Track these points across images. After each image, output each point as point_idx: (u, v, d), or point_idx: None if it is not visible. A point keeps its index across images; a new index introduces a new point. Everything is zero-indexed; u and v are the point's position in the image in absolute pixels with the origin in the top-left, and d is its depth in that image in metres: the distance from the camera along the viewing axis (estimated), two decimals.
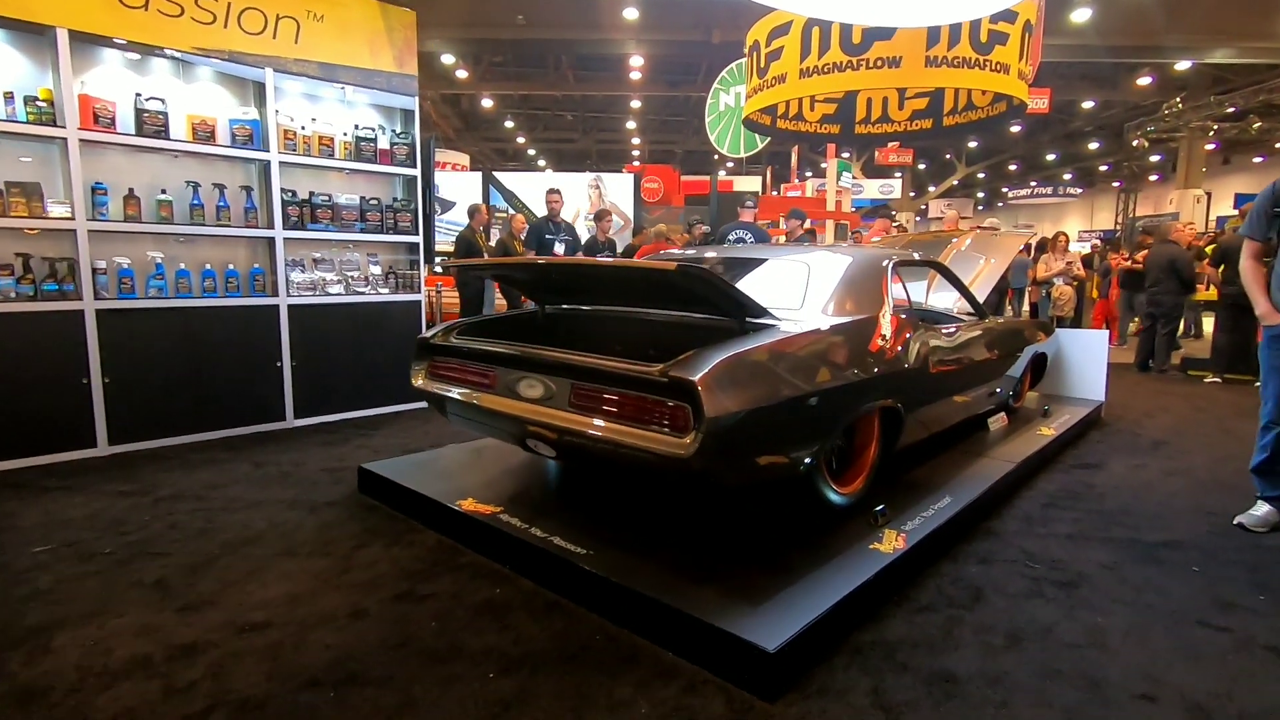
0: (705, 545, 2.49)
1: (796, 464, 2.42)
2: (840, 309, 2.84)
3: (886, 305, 3.02)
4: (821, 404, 2.42)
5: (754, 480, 2.39)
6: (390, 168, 5.12)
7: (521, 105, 27.16)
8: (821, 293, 2.87)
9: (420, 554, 2.70)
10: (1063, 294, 7.77)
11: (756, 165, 30.89)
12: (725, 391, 2.09)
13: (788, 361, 2.36)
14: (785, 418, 2.29)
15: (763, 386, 2.21)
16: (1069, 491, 3.52)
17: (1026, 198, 29.59)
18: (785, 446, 2.35)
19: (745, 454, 2.23)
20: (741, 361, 2.20)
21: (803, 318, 2.72)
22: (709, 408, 2.02)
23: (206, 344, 4.37)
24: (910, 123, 12.52)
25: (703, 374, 2.07)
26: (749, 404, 2.13)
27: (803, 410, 2.35)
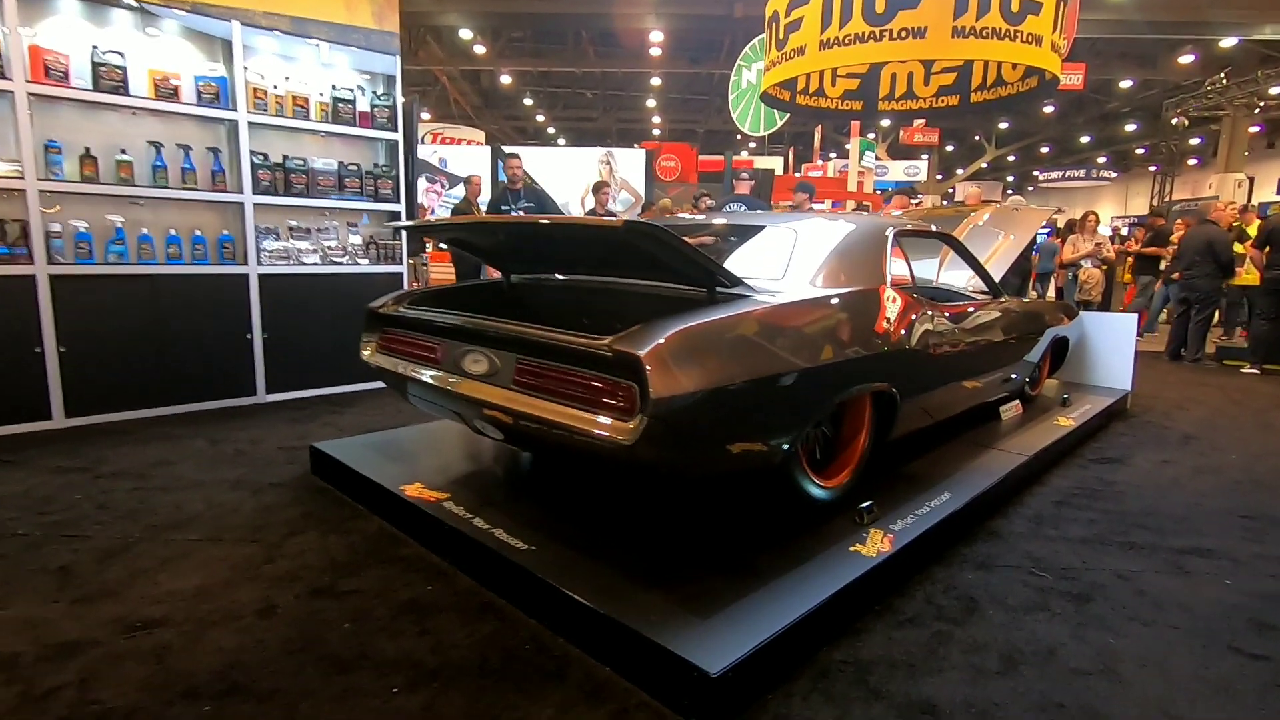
0: (666, 542, 2.21)
1: (770, 453, 2.12)
2: (830, 280, 2.53)
3: (884, 279, 2.71)
4: (800, 385, 2.12)
5: (718, 471, 2.11)
6: (371, 131, 4.85)
7: (541, 82, 26.80)
8: (808, 262, 2.56)
9: (357, 543, 2.46)
10: (1090, 277, 7.32)
11: (779, 145, 30.29)
12: (680, 368, 1.80)
13: (760, 336, 2.06)
14: (756, 400, 2.00)
15: (728, 363, 1.92)
16: (1086, 489, 3.18)
17: (1058, 180, 28.59)
18: (756, 433, 2.06)
19: (705, 441, 1.94)
20: (702, 334, 1.91)
21: (785, 288, 2.41)
22: (657, 386, 1.74)
23: (171, 313, 4.16)
24: (936, 99, 11.98)
25: (651, 347, 1.78)
26: (710, 383, 1.84)
27: (777, 392, 2.05)
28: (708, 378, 1.85)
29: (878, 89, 12.25)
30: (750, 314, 2.06)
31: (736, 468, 2.09)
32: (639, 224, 1.78)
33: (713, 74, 23.24)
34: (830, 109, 13.10)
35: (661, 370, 1.76)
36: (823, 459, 2.57)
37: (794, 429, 2.16)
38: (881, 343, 2.50)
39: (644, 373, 1.74)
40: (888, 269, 2.74)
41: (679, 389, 1.77)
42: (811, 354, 2.18)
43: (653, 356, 1.76)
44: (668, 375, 1.77)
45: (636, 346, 1.78)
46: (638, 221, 1.78)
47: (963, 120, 27.50)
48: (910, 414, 2.79)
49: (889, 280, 2.71)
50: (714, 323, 1.94)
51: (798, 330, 2.19)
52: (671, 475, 1.94)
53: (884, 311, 2.59)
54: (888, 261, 2.76)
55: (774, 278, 2.47)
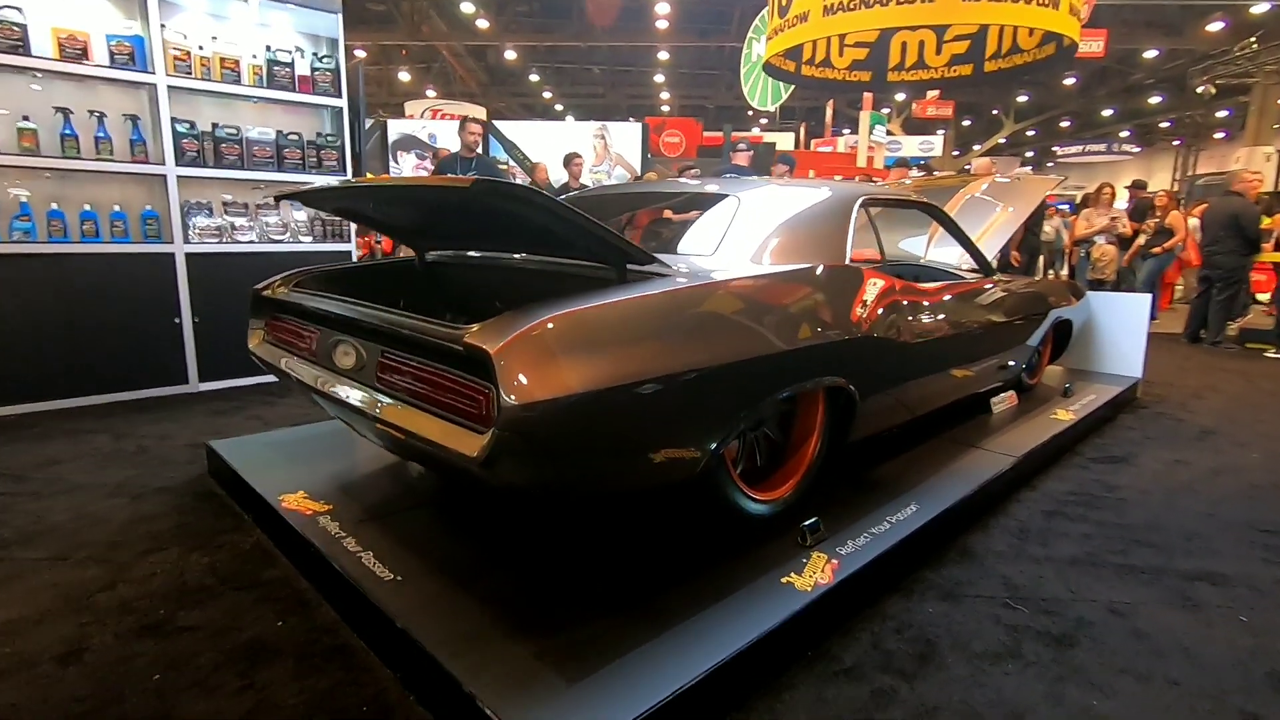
0: (564, 571, 1.85)
1: (685, 465, 1.75)
2: (775, 256, 2.13)
3: (844, 255, 2.30)
4: (723, 384, 1.74)
5: (613, 489, 1.74)
6: (311, 97, 4.47)
7: (547, 58, 26.23)
8: (748, 235, 2.16)
9: (220, 563, 2.12)
10: (1104, 254, 6.82)
11: (791, 121, 29.56)
12: (549, 367, 1.42)
13: (667, 325, 1.67)
14: (662, 403, 1.62)
15: (621, 359, 1.53)
16: (1083, 495, 2.78)
17: (1077, 155, 27.67)
18: (664, 442, 1.68)
19: (589, 455, 1.56)
20: (583, 323, 1.52)
21: (715, 266, 2.02)
22: (513, 390, 1.36)
23: (89, 296, 3.83)
24: (949, 68, 11.42)
25: (506, 341, 1.40)
26: (594, 383, 1.46)
27: (691, 393, 1.67)
28: (591, 377, 1.47)
29: (887, 58, 11.69)
30: (653, 298, 1.67)
31: (639, 484, 1.72)
32: (491, 183, 1.40)
33: (723, 47, 22.61)
34: (838, 80, 12.53)
35: (519, 369, 1.39)
36: (764, 467, 2.19)
37: (715, 436, 1.78)
38: (836, 330, 2.10)
39: (495, 373, 1.37)
40: (849, 244, 2.33)
41: (545, 392, 1.39)
42: (739, 345, 1.79)
43: (508, 352, 1.39)
44: (529, 375, 1.39)
45: (489, 340, 1.41)
46: (490, 180, 1.40)
47: (979, 93, 26.60)
48: (874, 412, 2.41)
49: (849, 256, 2.31)
50: (600, 309, 1.56)
51: (721, 317, 1.80)
52: (546, 497, 1.58)
53: (840, 293, 2.19)
54: (850, 235, 2.35)
55: (704, 253, 2.08)
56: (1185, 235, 7.27)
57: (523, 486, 1.51)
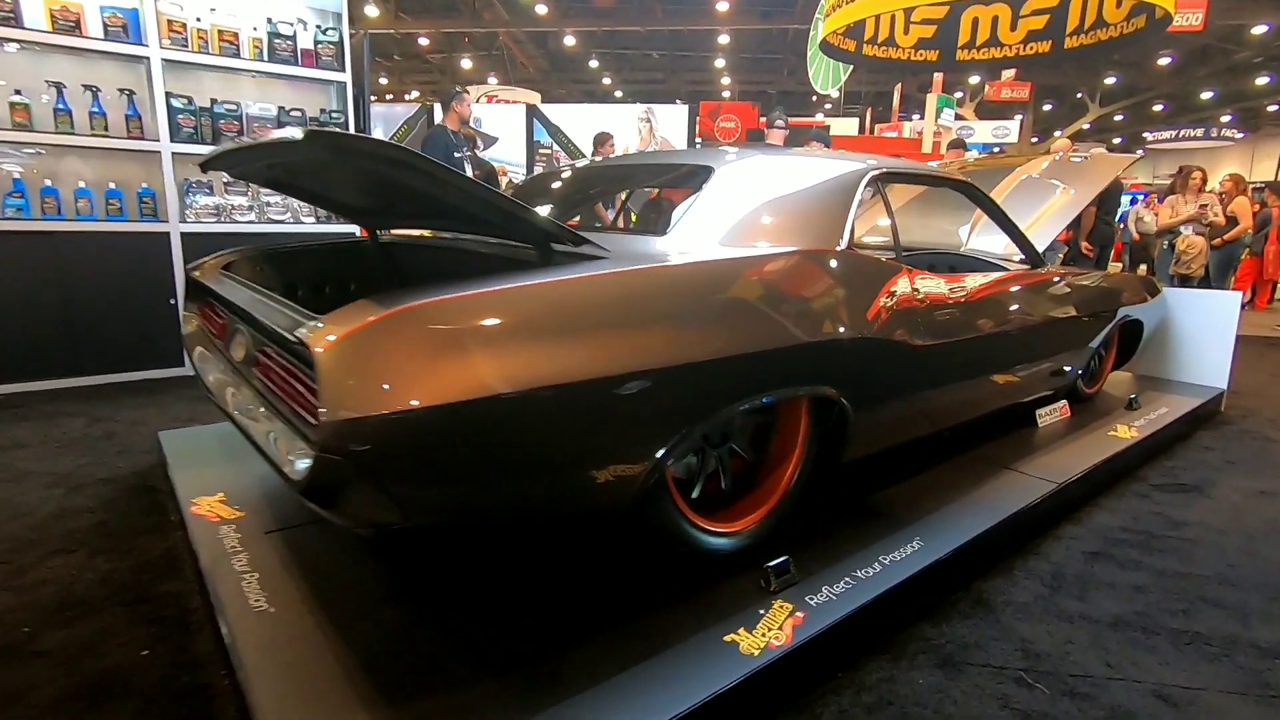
0: (455, 612, 1.55)
1: (607, 493, 1.42)
2: (748, 237, 1.77)
3: (840, 238, 1.91)
4: (656, 392, 1.40)
5: (504, 522, 1.41)
6: (314, 71, 4.29)
7: (607, 43, 26.02)
8: (716, 211, 1.79)
9: (119, 572, 1.92)
10: (1191, 246, 6.06)
11: (855, 106, 28.52)
12: (392, 370, 1.12)
13: (576, 318, 1.33)
14: (567, 417, 1.30)
15: (504, 361, 1.21)
16: (1139, 533, 2.31)
17: (1171, 141, 25.58)
18: (568, 465, 1.36)
19: (457, 484, 1.24)
20: (444, 316, 1.20)
21: (666, 247, 1.67)
22: (333, 400, 1.07)
23: (83, 275, 3.75)
24: (1025, 46, 10.62)
25: (337, 336, 1.11)
26: (459, 391, 1.15)
27: (609, 403, 1.34)
28: (458, 384, 1.15)
29: (956, 36, 10.96)
30: (555, 286, 1.33)
31: (540, 517, 1.40)
32: (325, 134, 1.09)
33: (786, 30, 21.92)
34: (902, 60, 11.83)
35: (350, 374, 1.09)
36: (730, 491, 1.84)
37: (646, 457, 1.44)
38: (823, 329, 1.73)
39: (317, 377, 1.07)
40: (848, 225, 1.94)
41: (384, 404, 1.09)
42: (679, 345, 1.44)
43: (337, 352, 1.09)
44: (364, 382, 1.09)
45: (319, 336, 1.11)
46: (325, 131, 1.10)
47: (1061, 73, 24.89)
48: (877, 427, 2.02)
49: (846, 240, 1.92)
50: (474, 299, 1.23)
51: (655, 310, 1.45)
52: (405, 529, 1.28)
53: (831, 284, 1.81)
54: (850, 215, 1.96)
55: (656, 233, 1.72)
56: (1250, 224, 6.47)
57: (367, 524, 1.22)
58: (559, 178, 2.58)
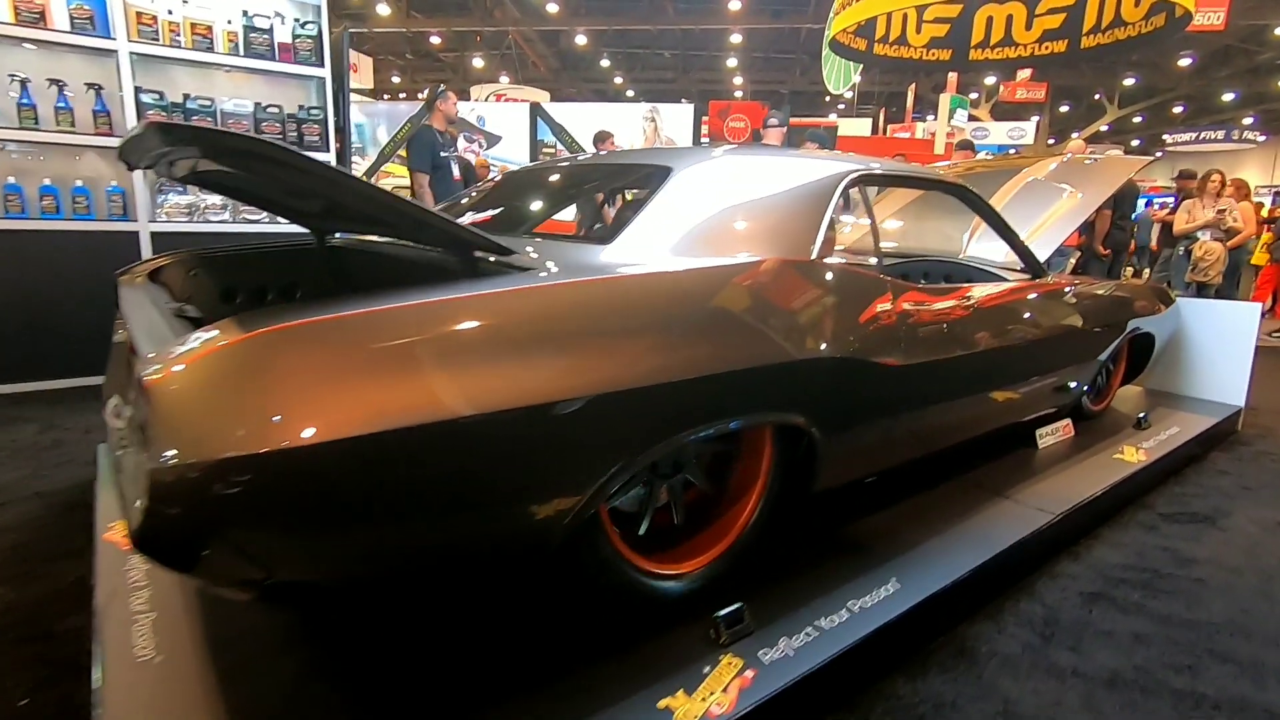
0: (363, 663, 1.39)
1: (523, 538, 1.25)
2: (705, 246, 1.59)
3: (810, 246, 1.74)
4: (588, 422, 1.23)
5: (395, 573, 1.24)
6: (291, 66, 4.15)
7: (618, 42, 25.94)
8: (669, 218, 1.62)
9: (26, 602, 1.78)
10: (1209, 253, 5.80)
11: (868, 106, 28.25)
12: (247, 405, 0.95)
13: (483, 340, 1.16)
14: (471, 454, 1.13)
15: (387, 392, 1.04)
16: (1143, 570, 2.12)
17: (1191, 143, 25.05)
18: (469, 511, 1.19)
19: (331, 528, 1.07)
20: (306, 339, 1.04)
21: (608, 257, 1.50)
22: (162, 439, 0.90)
23: (48, 276, 3.64)
24: (1040, 45, 10.44)
25: (172, 366, 0.95)
26: (329, 429, 0.98)
27: (522, 436, 1.17)
28: (334, 419, 0.99)
29: (970, 35, 10.80)
30: (452, 305, 1.16)
31: (439, 565, 1.23)
32: (161, 125, 0.93)
33: (799, 29, 21.72)
34: (914, 59, 11.65)
35: (190, 410, 0.93)
36: (683, 527, 1.66)
37: (576, 494, 1.27)
38: (785, 348, 1.55)
39: (149, 413, 0.92)
40: (819, 233, 1.76)
41: (237, 444, 0.92)
42: (618, 369, 1.27)
43: (171, 385, 0.93)
44: (209, 418, 0.93)
45: (153, 365, 0.95)
46: (163, 122, 0.94)
47: (1079, 74, 24.49)
48: (849, 456, 1.84)
49: (817, 249, 1.74)
50: (351, 320, 1.07)
51: (588, 328, 1.28)
52: (272, 595, 1.11)
53: (795, 298, 1.63)
54: (823, 222, 1.78)
55: (600, 241, 1.55)
56: (1255, 230, 6.23)
57: (225, 581, 1.05)
58: (516, 181, 2.41)
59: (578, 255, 1.52)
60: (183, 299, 2.11)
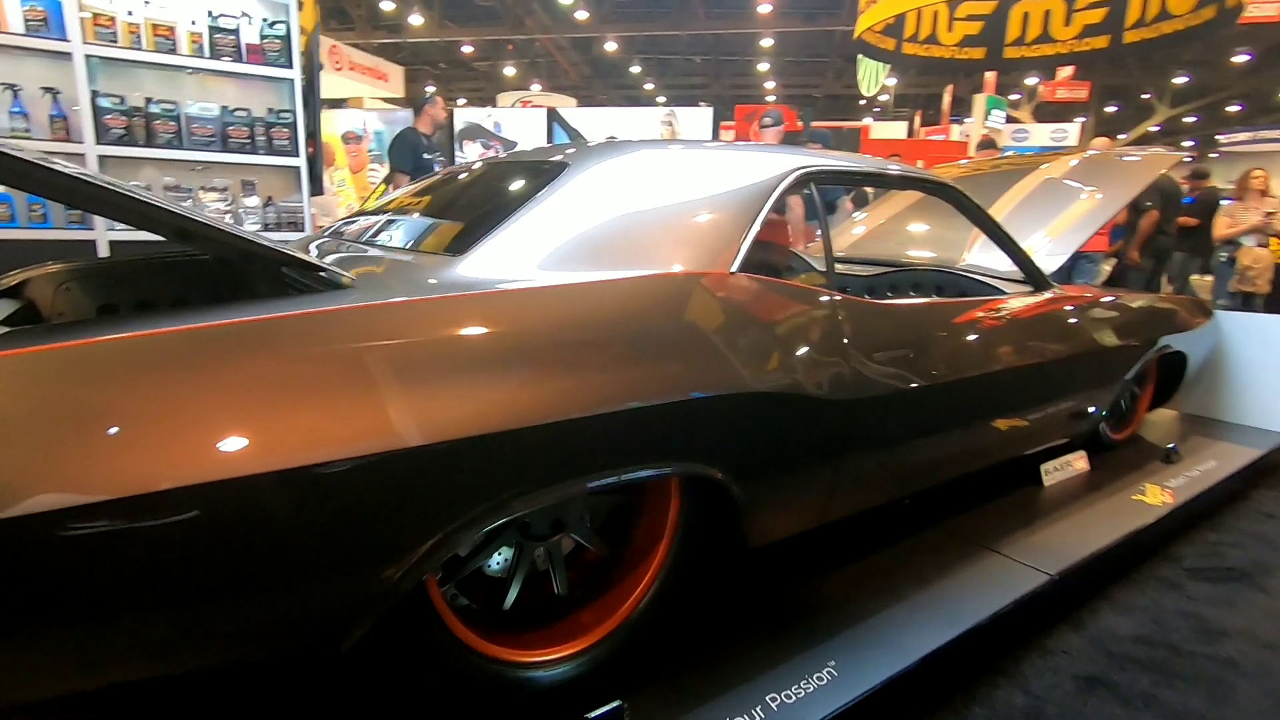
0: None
1: (323, 629, 0.99)
2: (591, 258, 1.31)
3: (731, 256, 1.44)
4: (398, 480, 0.96)
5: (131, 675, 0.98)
6: (256, 68, 3.98)
7: (648, 49, 25.89)
8: (548, 224, 1.33)
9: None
10: (1257, 260, 5.28)
11: (903, 109, 27.69)
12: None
13: (255, 379, 0.91)
14: (234, 525, 0.87)
15: (123, 451, 0.79)
16: (1159, 646, 1.75)
17: (1246, 144, 23.82)
18: (234, 600, 0.92)
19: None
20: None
21: (470, 272, 1.22)
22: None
23: None
24: (1080, 41, 9.95)
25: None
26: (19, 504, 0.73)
27: (306, 501, 0.91)
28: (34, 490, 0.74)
29: (1004, 32, 10.36)
30: (232, 330, 0.91)
31: (188, 669, 0.97)
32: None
33: (832, 32, 21.34)
34: (945, 58, 11.26)
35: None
36: (570, 598, 1.37)
37: (382, 573, 1.00)
38: (689, 382, 1.26)
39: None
40: (745, 242, 1.46)
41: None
42: (440, 412, 1.00)
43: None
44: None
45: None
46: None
47: (1126, 74, 23.50)
48: (785, 508, 1.53)
49: (741, 261, 1.44)
50: (92, 348, 0.82)
51: (397, 361, 1.01)
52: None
53: (707, 321, 1.34)
54: (750, 229, 1.48)
55: (453, 254, 1.27)
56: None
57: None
58: (424, 186, 2.16)
59: (421, 271, 1.25)
60: (52, 314, 1.90)
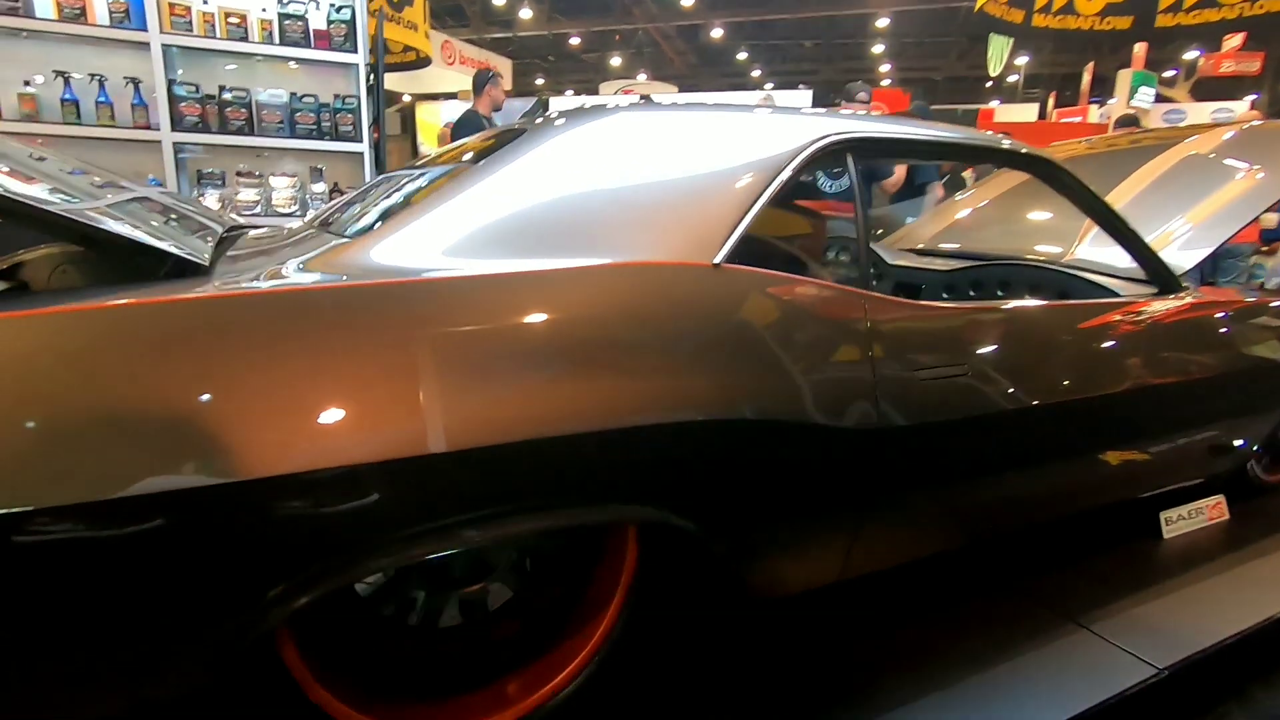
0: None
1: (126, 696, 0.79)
2: (540, 244, 1.05)
3: (720, 246, 1.13)
4: (218, 516, 0.75)
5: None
6: (323, 53, 3.98)
7: (757, 34, 25.28)
8: (476, 204, 1.08)
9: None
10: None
11: (1034, 90, 25.66)
12: None
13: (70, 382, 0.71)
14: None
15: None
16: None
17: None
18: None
19: None
20: None
21: (377, 259, 0.99)
22: None
23: None
24: (1252, 3, 8.79)
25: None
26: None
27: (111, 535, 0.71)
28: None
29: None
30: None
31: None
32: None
33: (955, 9, 19.98)
34: (1084, 30, 10.24)
35: None
36: (501, 658, 1.12)
37: (208, 631, 0.79)
38: (641, 405, 0.98)
39: None
40: (739, 228, 1.15)
41: None
42: (291, 437, 0.78)
43: None
44: None
45: None
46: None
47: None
48: (785, 559, 1.21)
49: (729, 251, 1.12)
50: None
51: (239, 367, 0.79)
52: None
53: (675, 322, 1.04)
54: (751, 212, 1.16)
55: (354, 237, 1.04)
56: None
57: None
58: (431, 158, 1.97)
59: (313, 256, 1.03)
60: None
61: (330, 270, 0.95)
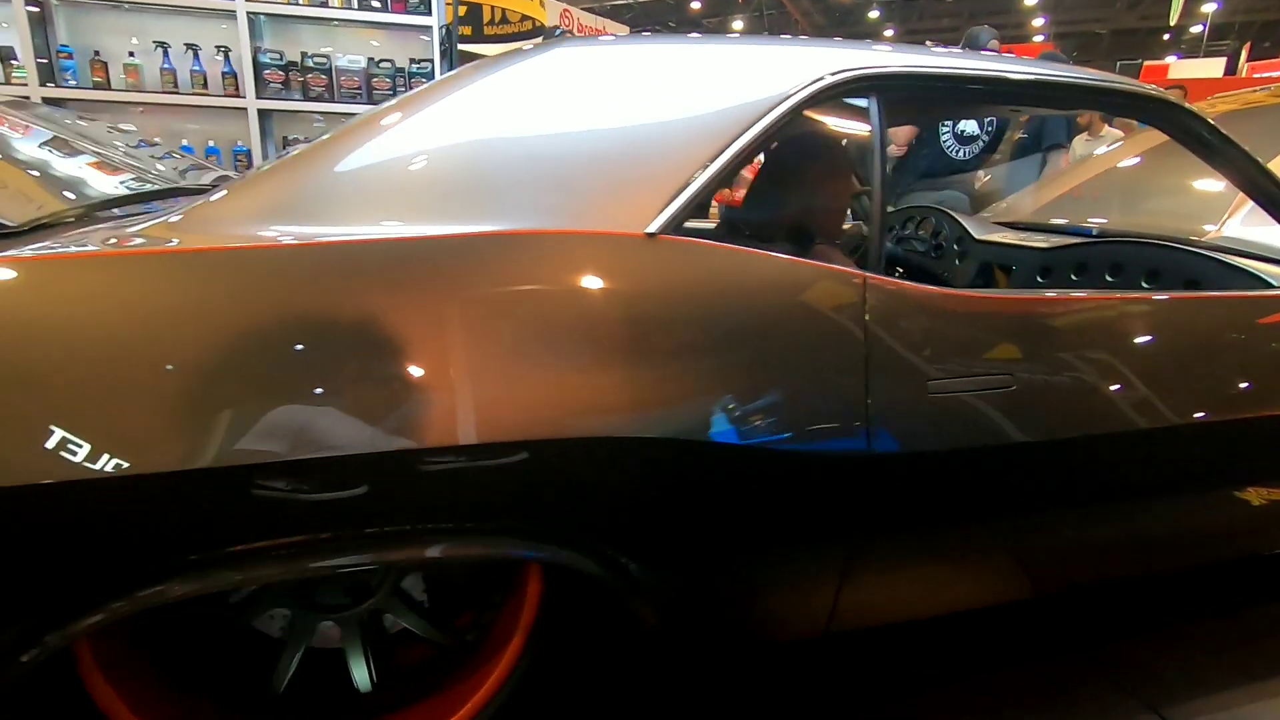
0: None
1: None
2: (419, 206, 0.85)
3: (660, 210, 0.88)
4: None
5: None
6: (399, 16, 3.94)
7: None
8: (362, 153, 0.89)
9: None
10: None
11: (1221, 43, 22.55)
12: None
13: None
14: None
15: None
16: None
17: None
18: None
19: None
20: None
21: (202, 224, 0.83)
22: None
23: None
24: None
25: None
26: None
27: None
28: None
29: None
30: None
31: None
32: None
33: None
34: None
35: None
36: (384, 698, 0.96)
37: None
38: (530, 417, 0.77)
39: None
40: (689, 186, 0.89)
41: None
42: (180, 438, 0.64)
43: None
44: None
45: None
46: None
47: None
48: (743, 610, 0.97)
49: (670, 216, 0.87)
50: None
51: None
52: None
53: (578, 310, 0.82)
54: (710, 167, 0.90)
55: (208, 195, 0.89)
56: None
57: None
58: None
59: (157, 217, 0.88)
60: None
61: (169, 233, 0.80)
